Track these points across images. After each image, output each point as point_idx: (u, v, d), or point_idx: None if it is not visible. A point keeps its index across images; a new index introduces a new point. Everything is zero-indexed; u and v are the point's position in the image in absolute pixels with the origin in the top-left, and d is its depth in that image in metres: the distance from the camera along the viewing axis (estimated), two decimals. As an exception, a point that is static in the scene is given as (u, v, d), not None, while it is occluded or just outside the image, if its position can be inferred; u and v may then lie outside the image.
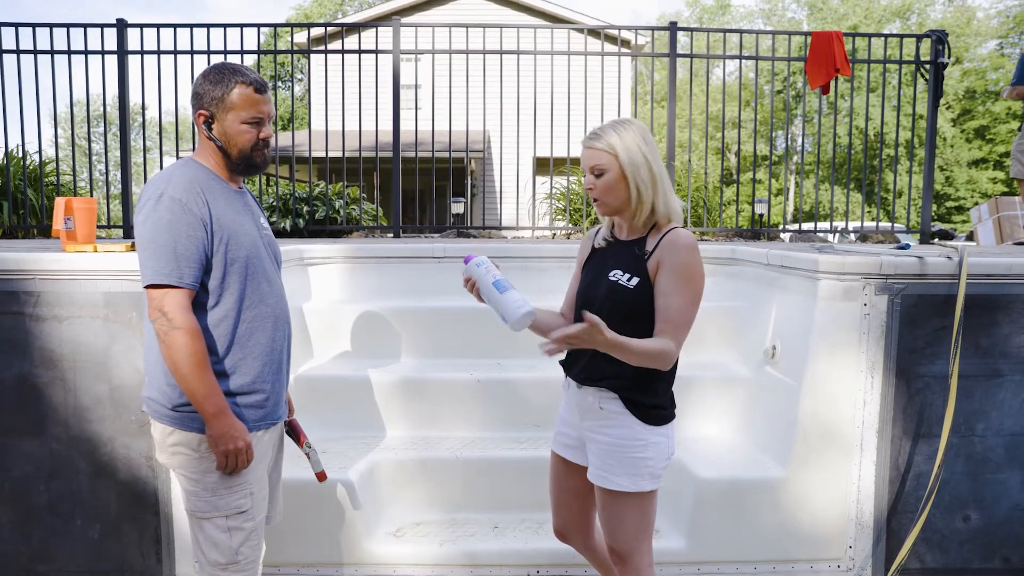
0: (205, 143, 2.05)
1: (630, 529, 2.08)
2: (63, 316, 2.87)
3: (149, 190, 1.93)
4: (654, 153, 2.03)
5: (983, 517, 3.02)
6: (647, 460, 2.02)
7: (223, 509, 2.01)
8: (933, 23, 29.83)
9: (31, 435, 2.90)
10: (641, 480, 2.03)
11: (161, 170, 2.03)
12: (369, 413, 3.44)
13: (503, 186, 16.22)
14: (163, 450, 2.04)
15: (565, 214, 7.12)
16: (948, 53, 5.51)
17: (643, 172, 2.00)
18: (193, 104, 2.02)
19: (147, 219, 1.88)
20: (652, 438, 2.03)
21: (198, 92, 1.99)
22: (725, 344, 3.75)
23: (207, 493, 2.00)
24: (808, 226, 7.47)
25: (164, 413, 1.99)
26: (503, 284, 1.97)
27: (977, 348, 2.97)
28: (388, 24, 5.48)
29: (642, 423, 2.03)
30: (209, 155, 2.05)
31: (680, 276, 1.96)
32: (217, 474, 1.99)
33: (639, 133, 2.02)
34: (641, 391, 2.03)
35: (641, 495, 2.05)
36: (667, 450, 2.08)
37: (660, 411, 2.06)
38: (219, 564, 2.03)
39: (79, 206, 3.06)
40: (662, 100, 26.19)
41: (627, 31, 5.69)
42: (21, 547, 2.95)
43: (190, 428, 1.98)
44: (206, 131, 2.00)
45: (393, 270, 4.12)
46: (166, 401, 1.98)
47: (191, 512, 2.05)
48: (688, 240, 1.99)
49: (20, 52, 5.12)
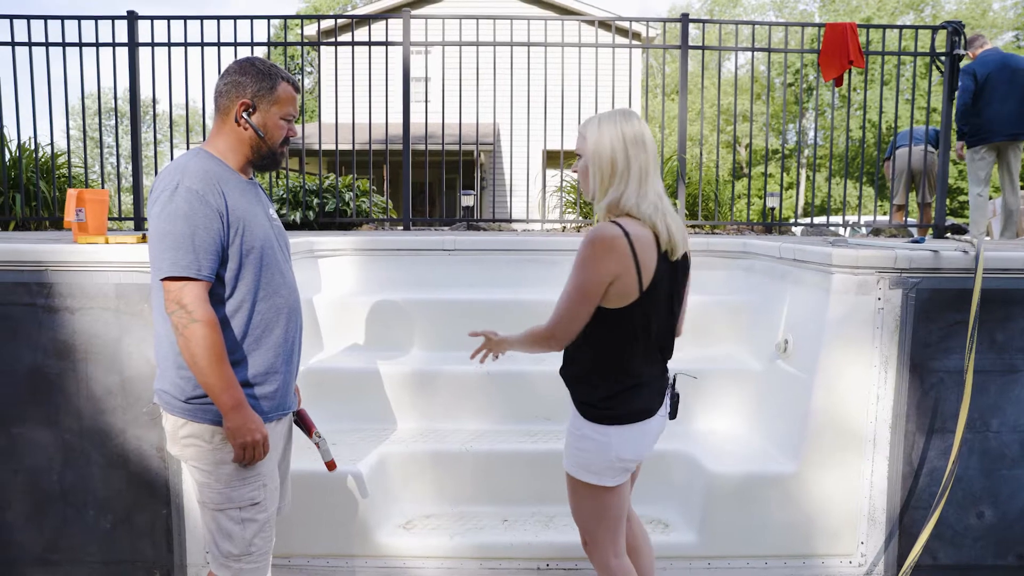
0: (227, 133, 2.01)
1: (585, 515, 2.16)
2: (75, 307, 2.88)
3: (163, 180, 1.92)
4: (631, 150, 1.98)
5: (997, 513, 2.99)
6: (583, 451, 2.07)
7: (237, 501, 2.01)
8: (948, 15, 29.48)
9: (44, 425, 2.92)
10: (579, 470, 2.09)
11: (172, 160, 2.01)
12: (379, 405, 3.44)
13: (513, 179, 16.20)
14: (175, 442, 2.04)
15: (575, 207, 7.09)
16: (964, 45, 5.43)
17: (604, 164, 1.99)
18: (229, 92, 1.99)
19: (163, 210, 1.86)
20: (589, 432, 2.06)
21: (239, 81, 1.98)
22: (736, 338, 3.73)
23: (220, 485, 2.00)
24: (820, 220, 7.40)
25: (176, 405, 1.99)
26: None
27: (993, 343, 2.93)
28: (398, 16, 5.46)
29: (578, 414, 2.09)
30: (228, 145, 2.02)
31: (574, 265, 1.98)
32: (231, 466, 1.99)
33: (621, 126, 1.99)
34: (576, 386, 2.11)
35: (590, 486, 2.09)
36: (608, 450, 2.02)
37: (591, 408, 2.05)
38: (232, 555, 2.04)
39: (90, 198, 3.07)
40: (672, 93, 26.03)
41: (638, 23, 5.65)
42: (35, 536, 2.97)
43: (203, 420, 1.98)
44: (246, 119, 1.99)
45: (403, 262, 4.12)
46: (179, 393, 1.98)
47: (204, 504, 2.05)
48: (593, 233, 1.94)
49: (32, 44, 5.13)
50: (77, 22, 5.20)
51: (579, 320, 1.98)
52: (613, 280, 1.92)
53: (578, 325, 1.99)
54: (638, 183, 1.97)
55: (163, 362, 2.02)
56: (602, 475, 2.06)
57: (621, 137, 1.98)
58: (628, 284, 1.93)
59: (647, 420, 2.07)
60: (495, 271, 4.04)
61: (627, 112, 2.05)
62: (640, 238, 1.93)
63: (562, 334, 2.00)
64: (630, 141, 1.98)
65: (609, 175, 1.99)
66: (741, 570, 2.95)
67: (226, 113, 2.00)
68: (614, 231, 1.92)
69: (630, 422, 2.04)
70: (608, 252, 1.90)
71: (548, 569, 2.93)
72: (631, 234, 1.92)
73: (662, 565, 2.89)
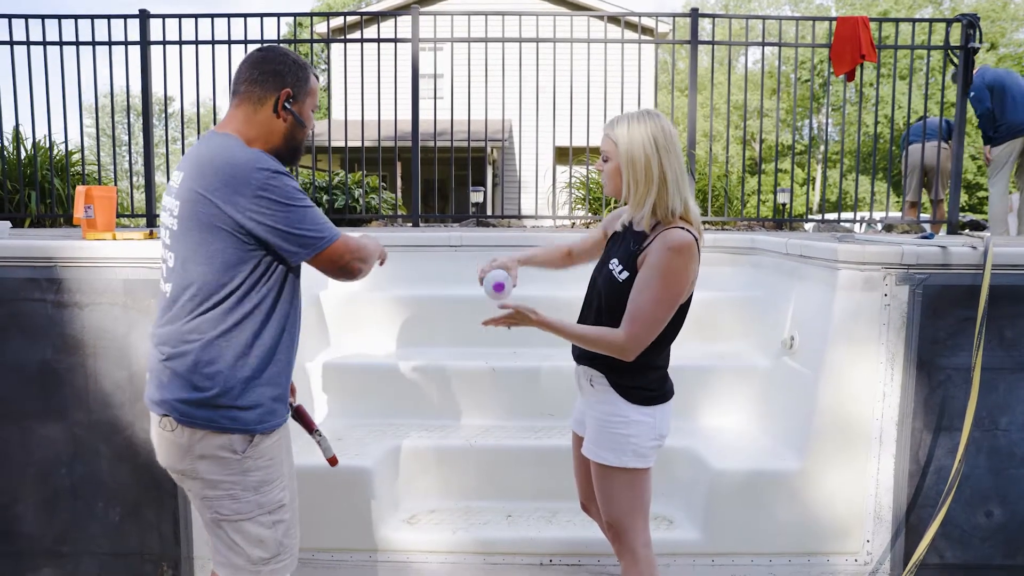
0: (260, 123, 1.92)
1: (622, 505, 2.14)
2: (84, 303, 2.92)
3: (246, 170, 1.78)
4: (665, 152, 1.98)
5: (1006, 513, 2.96)
6: (630, 437, 2.08)
7: (267, 506, 1.93)
8: (967, 8, 29.03)
9: (54, 419, 2.96)
10: (624, 456, 2.08)
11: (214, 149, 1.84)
12: (384, 401, 3.46)
13: (523, 176, 16.18)
14: (186, 457, 1.86)
15: (585, 203, 7.08)
16: (979, 38, 5.35)
17: (639, 169, 2.00)
18: (265, 82, 1.91)
19: (284, 186, 1.79)
20: (635, 416, 2.08)
21: (278, 70, 1.91)
22: (742, 334, 3.71)
23: (249, 493, 1.89)
24: (832, 216, 7.34)
25: (197, 415, 1.83)
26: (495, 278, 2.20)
27: (1002, 340, 2.90)
28: (407, 12, 5.46)
29: (625, 401, 2.08)
30: (259, 135, 1.92)
31: (655, 273, 1.96)
32: (260, 471, 1.90)
33: (652, 129, 1.99)
34: (621, 372, 2.09)
35: (629, 471, 2.09)
36: (653, 430, 2.10)
37: (642, 391, 2.09)
38: (263, 560, 1.95)
39: (99, 195, 3.10)
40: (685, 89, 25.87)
41: (648, 18, 5.62)
42: (45, 529, 3.02)
43: (231, 428, 1.84)
44: (287, 109, 1.92)
45: (410, 259, 4.13)
46: (201, 399, 1.83)
47: (226, 519, 1.91)
48: (676, 240, 1.95)
49: (47, 44, 5.19)
50: (90, 21, 5.25)
51: (661, 327, 2.01)
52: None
53: (657, 332, 2.01)
54: (676, 185, 2.01)
55: (178, 366, 1.84)
56: (646, 457, 2.11)
57: (653, 139, 1.98)
58: (694, 285, 2.06)
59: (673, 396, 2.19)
60: (502, 267, 4.03)
61: (654, 112, 2.05)
62: (700, 242, 2.03)
63: (639, 345, 1.99)
64: (662, 144, 1.99)
65: (644, 180, 2.00)
66: (745, 567, 2.94)
67: (259, 103, 1.90)
68: (689, 237, 1.98)
69: (668, 400, 2.16)
70: (692, 259, 1.99)
71: (552, 564, 2.94)
72: (696, 236, 2.00)
73: (665, 562, 2.88)
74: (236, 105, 1.93)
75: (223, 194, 1.76)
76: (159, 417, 1.88)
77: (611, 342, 2.01)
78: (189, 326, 1.83)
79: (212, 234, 1.78)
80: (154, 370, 1.90)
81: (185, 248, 1.82)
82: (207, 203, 1.77)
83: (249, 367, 1.86)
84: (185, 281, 1.83)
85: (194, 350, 1.82)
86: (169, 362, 1.85)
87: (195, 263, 1.81)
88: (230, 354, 1.83)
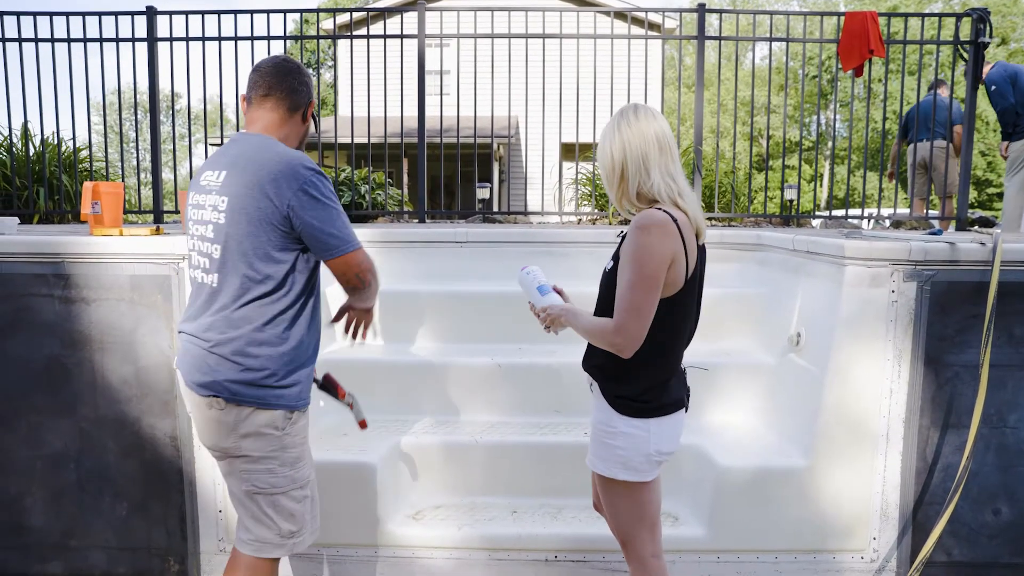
0: (292, 128, 2.13)
1: (622, 515, 2.11)
2: (91, 298, 2.93)
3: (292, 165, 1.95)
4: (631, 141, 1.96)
5: (1014, 511, 2.94)
6: (617, 448, 2.01)
7: (300, 481, 2.11)
8: (979, 2, 28.82)
9: (61, 415, 2.98)
10: (614, 468, 2.02)
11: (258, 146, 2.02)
12: (390, 396, 3.46)
13: (530, 172, 16.15)
14: (232, 434, 2.00)
15: (591, 200, 7.06)
16: (990, 32, 5.31)
17: (606, 166, 2.03)
18: (301, 91, 2.12)
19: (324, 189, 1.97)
20: (623, 427, 2.00)
21: (307, 82, 2.14)
22: (749, 331, 3.70)
23: (286, 468, 2.07)
24: (839, 212, 7.30)
25: (246, 393, 1.98)
26: (546, 288, 2.20)
27: (1011, 337, 2.88)
28: (413, 8, 5.46)
29: (612, 410, 2.02)
30: (291, 140, 2.14)
31: (627, 256, 1.90)
32: (297, 448, 2.09)
33: (607, 126, 2.02)
34: (612, 379, 2.03)
35: (625, 484, 2.03)
36: (647, 444, 2.00)
37: (630, 402, 2.00)
38: (292, 532, 2.12)
39: (106, 191, 3.11)
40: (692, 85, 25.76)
41: (655, 13, 5.60)
42: (54, 523, 3.04)
43: (275, 405, 2.01)
44: (314, 117, 2.23)
45: (416, 254, 4.13)
46: (249, 378, 1.97)
47: (261, 491, 2.05)
48: (643, 219, 1.89)
49: (55, 40, 5.21)
50: (98, 18, 5.27)
51: (648, 314, 1.88)
52: (671, 264, 1.89)
53: (646, 321, 1.88)
54: (639, 166, 1.97)
55: (228, 351, 1.97)
56: (640, 471, 2.02)
57: (603, 134, 2.02)
58: (678, 269, 1.92)
59: (680, 411, 2.07)
60: (508, 263, 4.03)
61: (623, 111, 2.02)
62: (681, 220, 1.92)
63: (632, 331, 1.88)
64: (609, 131, 2.00)
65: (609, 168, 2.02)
66: (751, 564, 2.93)
67: (294, 110, 2.12)
68: (659, 215, 1.89)
69: (668, 413, 2.03)
70: (664, 234, 1.87)
71: (556, 561, 2.94)
72: (676, 218, 1.91)
73: (671, 558, 2.87)
74: (270, 108, 2.09)
75: (273, 188, 1.91)
76: (207, 399, 2.00)
77: (603, 332, 1.94)
78: (238, 314, 1.97)
79: (260, 227, 1.92)
80: (196, 356, 2.01)
81: (234, 240, 1.95)
82: (258, 196, 1.92)
83: (290, 349, 2.03)
84: (234, 272, 1.96)
85: (244, 335, 1.96)
86: (218, 348, 1.97)
87: (243, 254, 1.95)
88: (275, 338, 1.99)
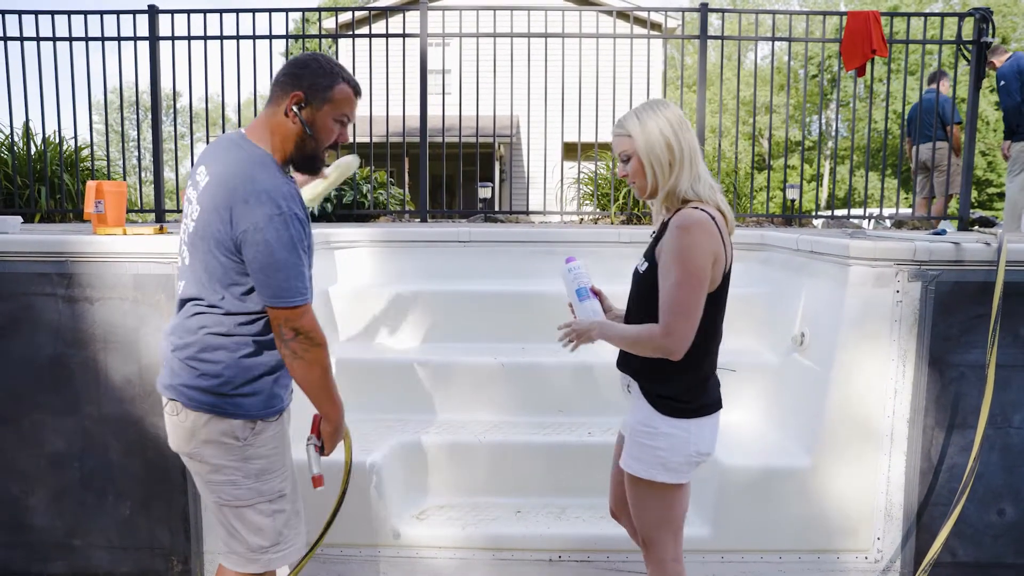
0: (276, 125, 1.90)
1: (651, 518, 2.07)
2: (94, 297, 2.92)
3: (260, 198, 1.77)
4: (680, 134, 1.96)
5: (1018, 511, 2.94)
6: (658, 450, 1.98)
7: (267, 494, 1.97)
8: (980, 2, 28.79)
9: (65, 413, 2.98)
10: (652, 469, 1.99)
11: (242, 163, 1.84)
12: (393, 396, 3.46)
13: (532, 171, 16.14)
14: (191, 440, 1.93)
15: (593, 199, 7.06)
16: (992, 32, 5.30)
17: (660, 154, 1.95)
18: (284, 84, 1.89)
19: (279, 237, 1.78)
20: (665, 428, 1.98)
21: (297, 73, 1.89)
22: (753, 331, 3.69)
23: (250, 480, 1.94)
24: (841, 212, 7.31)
25: (203, 400, 1.89)
26: (584, 292, 2.15)
27: (1016, 337, 2.87)
28: (415, 7, 5.45)
29: (654, 411, 1.99)
30: (273, 138, 1.91)
31: (669, 256, 1.89)
32: (263, 460, 1.94)
33: (663, 115, 1.97)
34: (652, 380, 2.00)
35: (659, 485, 2.00)
36: (687, 445, 1.98)
37: (672, 402, 1.98)
38: (262, 548, 1.99)
39: (109, 190, 3.10)
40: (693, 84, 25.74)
41: (657, 13, 5.59)
42: (57, 522, 3.04)
43: (235, 414, 1.90)
44: (295, 112, 1.88)
45: (419, 254, 4.13)
46: (207, 386, 1.88)
47: (226, 503, 1.96)
48: (684, 219, 1.88)
49: (56, 39, 5.20)
50: (99, 16, 5.26)
51: (696, 314, 1.87)
52: (713, 262, 1.89)
53: (695, 321, 1.87)
54: (690, 166, 1.96)
55: (185, 355, 1.90)
56: (679, 472, 2.00)
57: (668, 124, 1.96)
58: (719, 268, 1.92)
59: (718, 412, 2.06)
60: (510, 263, 4.03)
61: (660, 100, 2.02)
62: (718, 219, 1.93)
63: (682, 332, 1.86)
64: (676, 126, 1.96)
65: (667, 164, 1.96)
66: (755, 564, 2.93)
67: (277, 104, 1.90)
68: (699, 214, 1.90)
69: (707, 414, 2.01)
70: (706, 233, 1.87)
71: (560, 561, 2.93)
72: (713, 216, 1.91)
73: (675, 558, 2.87)
74: (264, 106, 1.97)
75: (234, 214, 1.78)
76: (169, 403, 1.96)
77: (651, 337, 1.90)
78: (192, 321, 1.91)
79: (218, 249, 1.82)
80: (167, 359, 1.98)
81: (196, 252, 1.88)
82: (220, 219, 1.80)
83: (251, 357, 1.91)
84: (192, 280, 1.91)
85: (198, 340, 1.89)
86: (178, 351, 1.93)
87: (200, 270, 1.87)
88: (232, 344, 1.89)
